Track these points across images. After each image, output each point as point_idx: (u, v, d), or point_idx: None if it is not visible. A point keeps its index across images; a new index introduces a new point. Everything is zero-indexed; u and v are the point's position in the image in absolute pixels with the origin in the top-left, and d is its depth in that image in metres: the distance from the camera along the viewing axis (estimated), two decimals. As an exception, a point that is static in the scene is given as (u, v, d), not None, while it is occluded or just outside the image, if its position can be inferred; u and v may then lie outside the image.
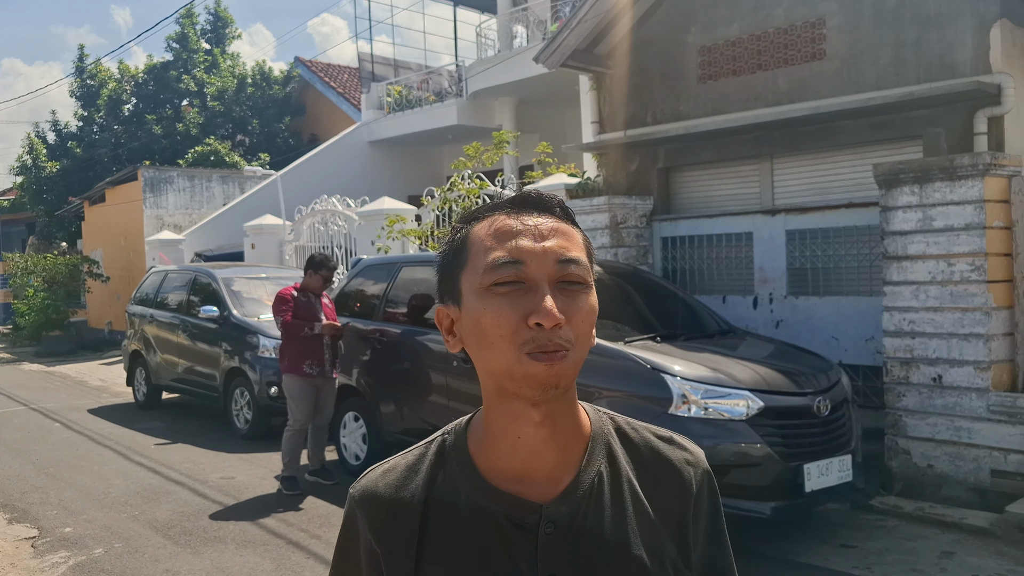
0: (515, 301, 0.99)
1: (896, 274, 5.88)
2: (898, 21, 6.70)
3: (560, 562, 1.00)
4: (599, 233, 8.11)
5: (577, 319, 1.01)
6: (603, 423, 1.12)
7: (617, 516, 1.04)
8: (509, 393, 1.01)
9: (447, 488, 1.05)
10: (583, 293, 1.03)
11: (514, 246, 1.01)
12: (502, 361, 0.99)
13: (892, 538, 5.20)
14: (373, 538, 1.06)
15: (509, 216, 1.04)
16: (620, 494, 1.05)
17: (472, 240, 1.05)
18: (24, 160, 23.63)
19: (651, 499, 1.07)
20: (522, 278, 1.00)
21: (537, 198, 1.07)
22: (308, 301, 6.66)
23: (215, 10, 25.41)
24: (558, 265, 1.01)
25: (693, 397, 4.73)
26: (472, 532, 1.02)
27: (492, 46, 17.61)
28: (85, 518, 5.97)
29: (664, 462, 1.11)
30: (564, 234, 1.04)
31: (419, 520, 1.04)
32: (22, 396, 11.85)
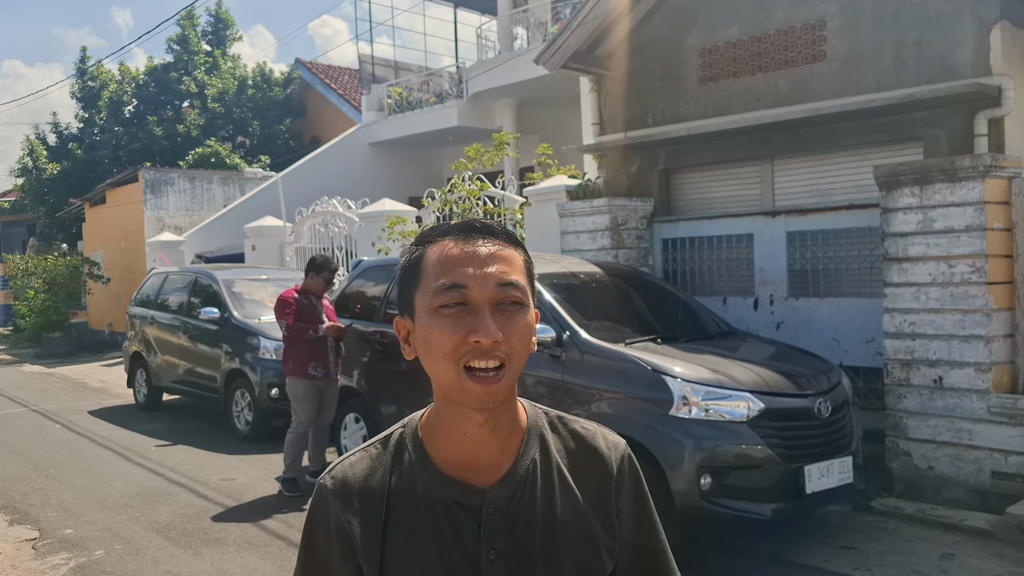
0: (458, 322, 1.13)
1: (897, 276, 5.89)
2: (898, 23, 6.71)
3: (500, 538, 1.16)
4: (599, 235, 8.12)
5: (514, 337, 1.14)
6: (538, 417, 1.27)
7: (548, 498, 1.19)
8: (455, 402, 1.16)
9: (405, 476, 1.20)
10: (520, 313, 1.16)
11: (458, 272, 1.15)
12: (446, 376, 1.14)
13: (893, 540, 5.20)
14: (346, 521, 1.19)
15: (456, 243, 1.18)
16: (551, 479, 1.21)
17: (425, 263, 1.19)
18: (25, 162, 23.63)
19: (578, 482, 1.23)
20: (465, 300, 1.14)
21: (482, 226, 1.20)
22: (310, 303, 6.67)
23: (216, 12, 25.44)
24: (498, 288, 1.14)
25: (694, 399, 4.73)
26: (426, 513, 1.17)
27: (492, 48, 17.62)
28: (86, 520, 5.97)
29: (589, 450, 1.26)
30: (505, 259, 1.17)
31: (384, 504, 1.19)
32: (22, 398, 11.85)
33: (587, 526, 1.21)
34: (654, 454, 4.72)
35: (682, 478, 4.61)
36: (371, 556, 1.18)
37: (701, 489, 4.59)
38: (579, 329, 5.34)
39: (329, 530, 1.22)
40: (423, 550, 1.16)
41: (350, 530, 1.19)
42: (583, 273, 6.32)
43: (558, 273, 6.11)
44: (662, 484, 4.68)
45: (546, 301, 5.57)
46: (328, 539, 1.22)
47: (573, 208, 8.40)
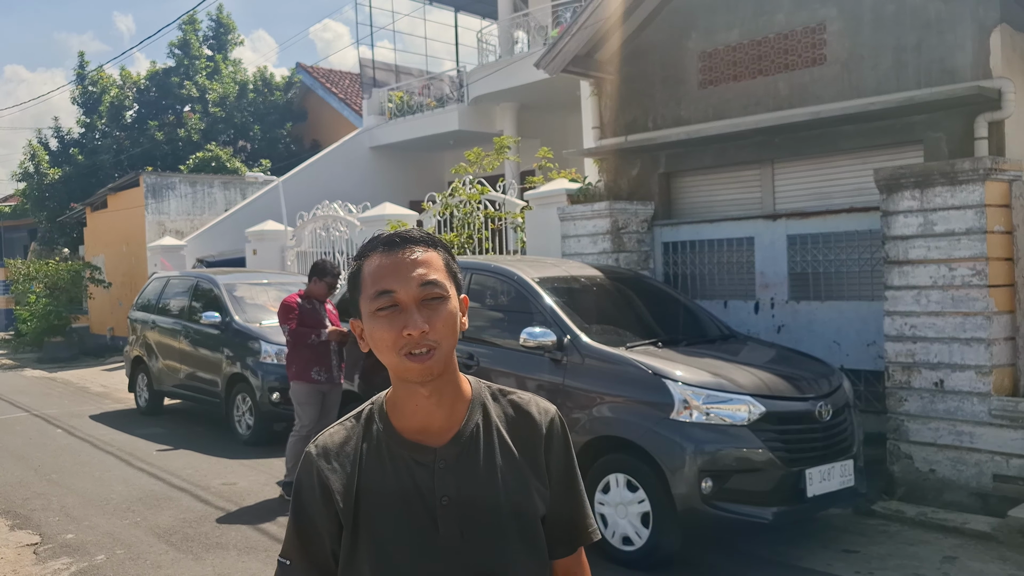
0: (393, 320, 1.40)
1: (897, 279, 5.89)
2: (898, 26, 6.72)
3: (450, 487, 1.42)
4: (600, 238, 8.12)
5: (439, 324, 1.40)
6: (481, 390, 1.52)
7: (489, 454, 1.46)
8: (403, 378, 1.43)
9: (374, 441, 1.46)
10: (442, 304, 1.42)
11: (387, 280, 1.41)
12: (391, 362, 1.42)
13: (894, 543, 5.20)
14: (327, 478, 1.44)
15: (383, 255, 1.44)
16: (491, 439, 1.47)
17: (363, 274, 1.45)
18: (26, 166, 23.67)
19: (514, 441, 1.49)
20: (395, 302, 1.40)
21: (401, 239, 1.45)
22: (313, 308, 6.70)
23: (217, 16, 25.49)
24: (421, 288, 1.41)
25: (695, 402, 4.73)
26: (391, 469, 1.44)
27: (493, 52, 17.64)
28: (87, 524, 5.97)
29: (524, 414, 1.52)
30: (425, 263, 1.43)
31: (357, 463, 1.45)
32: (24, 402, 11.85)
33: (522, 476, 1.47)
34: (655, 458, 4.72)
35: (683, 482, 4.61)
36: (348, 504, 1.43)
37: (702, 493, 4.59)
38: (580, 333, 5.34)
39: (314, 488, 1.45)
40: (389, 499, 1.42)
41: (331, 485, 1.44)
42: (584, 277, 6.32)
43: (559, 277, 6.11)
44: (663, 488, 4.68)
45: (547, 305, 5.58)
46: (314, 496, 1.45)
47: (574, 212, 8.41)
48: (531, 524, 1.47)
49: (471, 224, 10.78)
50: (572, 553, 1.58)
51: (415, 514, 1.41)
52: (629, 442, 4.89)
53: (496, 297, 6.12)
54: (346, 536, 1.44)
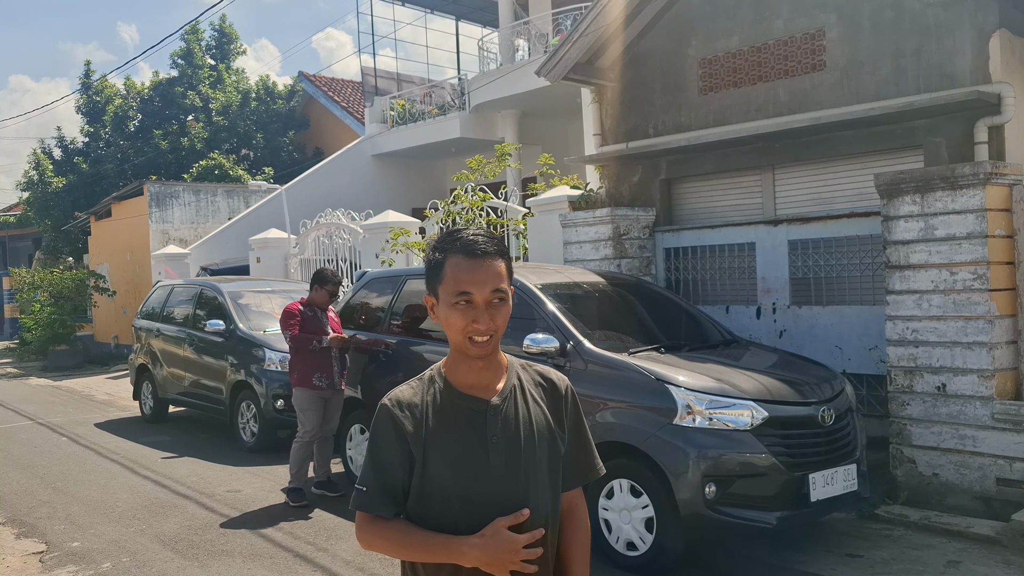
0: (466, 312, 1.81)
1: (899, 283, 5.91)
2: (897, 32, 6.75)
3: (498, 428, 1.84)
4: (602, 244, 8.15)
5: (499, 319, 1.82)
6: (513, 361, 1.96)
7: (524, 405, 1.89)
8: (463, 354, 1.85)
9: (436, 395, 1.87)
10: (504, 305, 1.84)
11: (466, 283, 1.80)
12: (457, 340, 1.84)
13: (898, 547, 5.21)
14: (402, 422, 1.84)
15: (465, 259, 1.82)
16: (526, 396, 1.91)
17: (446, 267, 1.83)
18: (31, 175, 23.76)
19: (542, 399, 1.93)
20: (471, 300, 1.81)
21: (482, 251, 1.83)
22: (315, 315, 6.78)
23: (220, 26, 25.59)
24: (491, 292, 1.81)
25: (697, 408, 4.74)
26: (452, 415, 1.85)
27: (494, 59, 17.70)
28: (93, 532, 6.00)
29: (548, 380, 1.97)
30: (496, 273, 1.83)
31: (424, 411, 1.85)
32: (29, 411, 11.89)
33: (547, 422, 1.91)
34: (659, 463, 4.73)
35: (687, 487, 4.62)
36: (419, 442, 1.82)
37: (706, 498, 4.60)
38: (583, 339, 5.36)
39: (390, 431, 1.85)
40: (452, 437, 1.83)
41: (404, 427, 1.83)
42: (586, 283, 6.35)
43: (561, 283, 6.14)
44: (667, 493, 4.69)
45: (549, 311, 5.60)
46: (389, 437, 1.85)
47: (575, 218, 8.44)
48: (555, 459, 1.91)
49: (473, 231, 10.78)
50: (578, 487, 2.02)
51: (472, 448, 1.82)
52: (633, 448, 4.91)
53: (499, 304, 6.13)
54: (418, 465, 1.82)
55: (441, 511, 1.81)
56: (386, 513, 1.84)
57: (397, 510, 1.85)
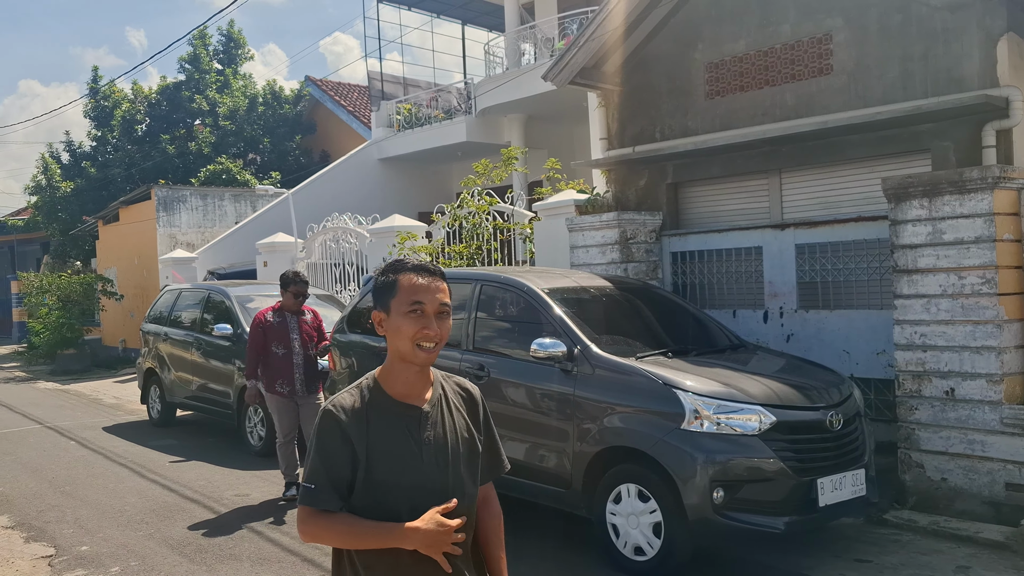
0: (418, 320, 2.07)
1: (907, 287, 5.89)
2: (904, 36, 6.74)
3: (430, 431, 2.10)
4: (609, 249, 8.15)
5: (443, 331, 2.10)
6: (437, 375, 2.21)
7: (449, 413, 2.16)
8: (407, 361, 2.09)
9: (374, 402, 2.09)
10: (447, 318, 2.12)
11: (420, 294, 2.08)
12: (406, 348, 2.08)
13: (907, 552, 5.19)
14: (345, 423, 2.04)
15: (418, 276, 2.10)
16: (449, 404, 2.18)
17: (400, 284, 2.10)
18: (39, 180, 23.88)
19: (462, 407, 2.21)
20: (422, 310, 2.07)
21: (429, 272, 2.12)
22: (282, 321, 6.97)
23: (228, 31, 25.70)
24: (439, 305, 2.09)
25: (705, 412, 4.74)
26: (389, 420, 2.08)
27: (500, 64, 17.72)
28: (101, 536, 6.02)
29: (466, 390, 2.25)
30: (442, 289, 2.12)
31: (365, 415, 2.07)
32: (37, 414, 11.93)
33: (467, 426, 2.19)
34: (666, 468, 4.73)
35: (694, 492, 4.62)
36: (362, 443, 2.04)
37: (714, 503, 4.60)
38: (590, 343, 5.36)
39: (336, 432, 2.04)
40: (390, 438, 2.07)
41: (348, 429, 2.04)
42: (593, 287, 6.35)
43: (568, 288, 6.14)
44: (674, 497, 4.69)
45: (556, 316, 5.60)
46: (334, 437, 2.04)
47: (582, 222, 8.44)
48: (473, 457, 2.19)
49: (480, 235, 10.82)
50: (490, 480, 2.30)
51: (408, 448, 2.07)
52: (640, 452, 4.90)
53: (506, 308, 6.15)
54: (362, 463, 2.03)
55: (386, 500, 2.03)
56: (332, 507, 2.02)
57: (342, 504, 2.03)
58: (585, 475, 5.15)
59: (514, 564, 5.09)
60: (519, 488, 5.66)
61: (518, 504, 6.01)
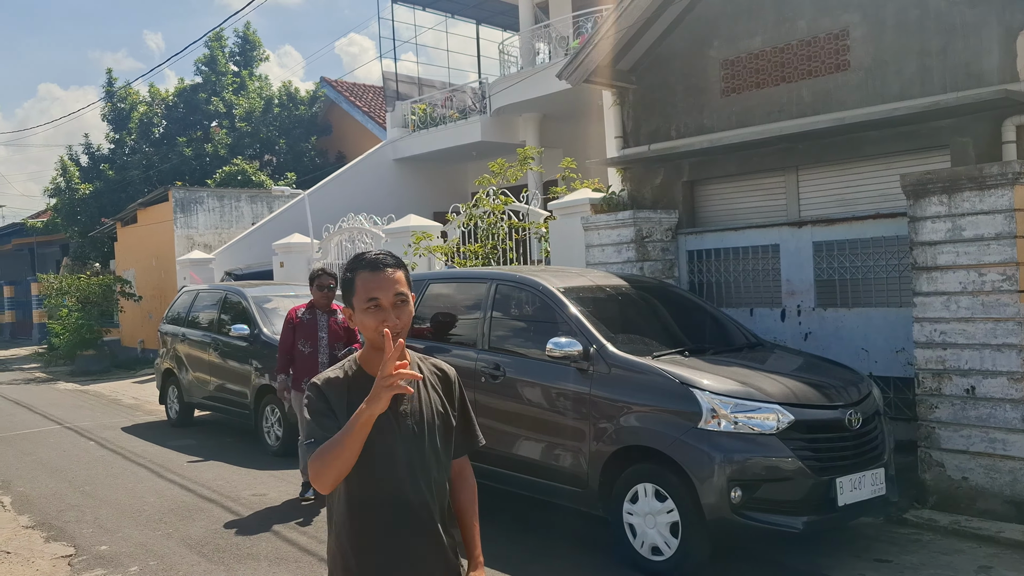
0: (376, 314, 2.22)
1: (926, 285, 5.83)
2: (923, 31, 6.68)
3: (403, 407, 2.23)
4: (624, 247, 8.12)
5: (404, 318, 2.24)
6: (414, 356, 2.32)
7: (425, 391, 2.31)
8: (378, 348, 2.17)
9: (355, 380, 2.24)
10: (406, 305, 2.25)
11: (374, 290, 2.22)
12: (373, 339, 2.22)
13: (928, 552, 5.14)
14: (329, 395, 2.22)
15: (370, 273, 2.24)
16: (426, 383, 2.32)
17: (356, 281, 2.25)
18: (58, 182, 24.09)
19: (437, 386, 2.36)
20: (378, 304, 2.22)
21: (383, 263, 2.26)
22: (312, 319, 7.03)
23: (243, 33, 25.85)
24: (395, 296, 2.23)
25: (722, 411, 4.71)
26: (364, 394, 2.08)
27: (515, 63, 17.71)
28: (120, 536, 6.06)
29: (441, 371, 2.40)
30: (396, 280, 2.24)
31: (346, 389, 2.22)
32: (57, 415, 12.04)
33: (441, 402, 2.34)
34: (683, 467, 4.70)
35: (712, 491, 4.59)
36: (342, 413, 2.17)
37: (731, 502, 4.57)
38: (606, 343, 5.35)
39: (322, 400, 2.21)
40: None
41: (331, 399, 2.21)
42: (609, 286, 6.33)
43: (584, 287, 6.12)
44: (692, 497, 4.66)
45: (572, 315, 5.59)
46: (322, 404, 2.21)
47: (598, 221, 8.42)
48: (447, 430, 2.34)
49: (495, 234, 10.82)
50: (464, 455, 2.45)
51: (385, 418, 2.14)
52: (657, 452, 4.88)
53: (521, 307, 6.14)
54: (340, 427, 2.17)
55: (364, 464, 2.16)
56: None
57: None
58: (602, 475, 5.13)
59: (529, 564, 5.10)
60: (535, 488, 5.66)
61: (534, 504, 6.01)
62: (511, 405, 5.77)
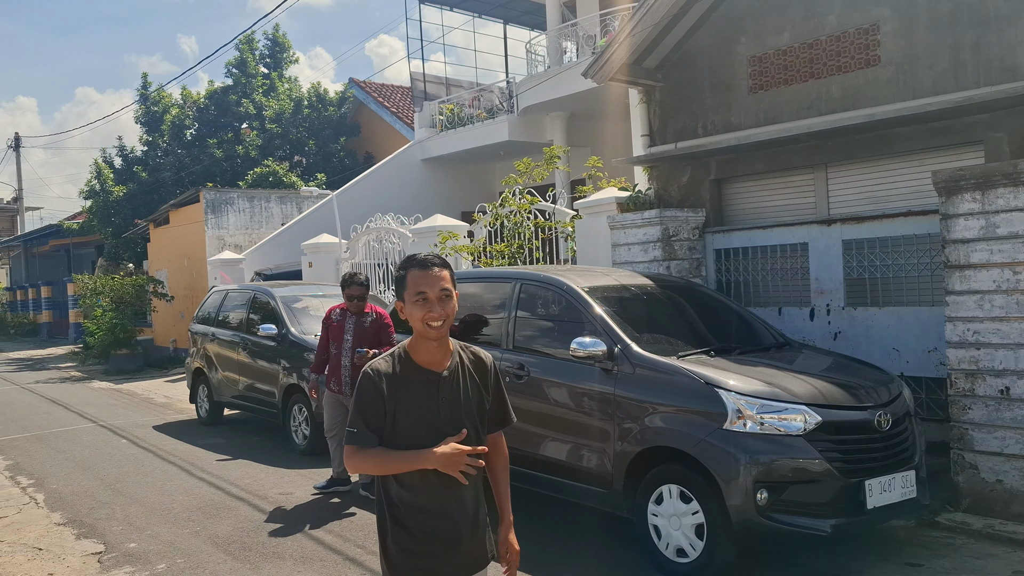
0: (424, 306, 2.53)
1: (959, 283, 5.72)
2: (955, 24, 6.55)
3: (447, 394, 2.58)
4: (651, 246, 8.06)
5: (448, 309, 2.55)
6: (456, 345, 2.67)
7: (463, 378, 2.63)
8: (423, 337, 2.55)
9: (403, 367, 2.58)
10: (450, 299, 2.56)
11: (422, 285, 2.54)
12: (419, 329, 2.54)
13: (960, 556, 5.03)
14: (381, 384, 2.54)
15: (420, 271, 2.56)
16: (464, 371, 2.65)
17: (408, 278, 2.58)
18: (93, 184, 24.48)
19: (474, 372, 2.68)
20: (426, 297, 2.54)
21: (430, 263, 2.58)
22: (342, 321, 7.17)
23: (273, 35, 26.08)
24: (440, 291, 2.54)
25: (748, 412, 4.65)
26: (415, 382, 2.56)
27: (542, 62, 17.69)
28: (149, 533, 6.13)
29: (480, 359, 2.71)
30: (442, 276, 2.56)
31: (395, 378, 2.56)
32: (91, 413, 12.23)
33: (477, 388, 2.67)
34: (709, 468, 4.65)
35: (737, 493, 4.53)
36: (391, 399, 2.54)
37: (757, 504, 4.51)
38: (630, 342, 5.30)
39: (373, 390, 2.54)
40: (415, 397, 2.56)
41: (382, 388, 2.53)
42: (634, 286, 6.28)
43: (609, 286, 6.08)
44: (717, 499, 4.61)
45: (596, 315, 5.55)
46: (372, 393, 2.54)
47: (624, 220, 8.37)
48: (482, 412, 2.68)
49: (521, 234, 10.80)
50: (498, 430, 2.79)
51: (428, 404, 2.56)
52: (682, 453, 4.83)
53: (546, 307, 6.12)
54: (389, 415, 2.54)
55: (408, 441, 2.53)
56: (370, 445, 2.55)
57: (378, 443, 2.55)
58: (626, 475, 5.09)
59: (555, 564, 5.08)
60: (560, 488, 5.63)
61: (559, 504, 5.98)
62: (535, 405, 5.75)
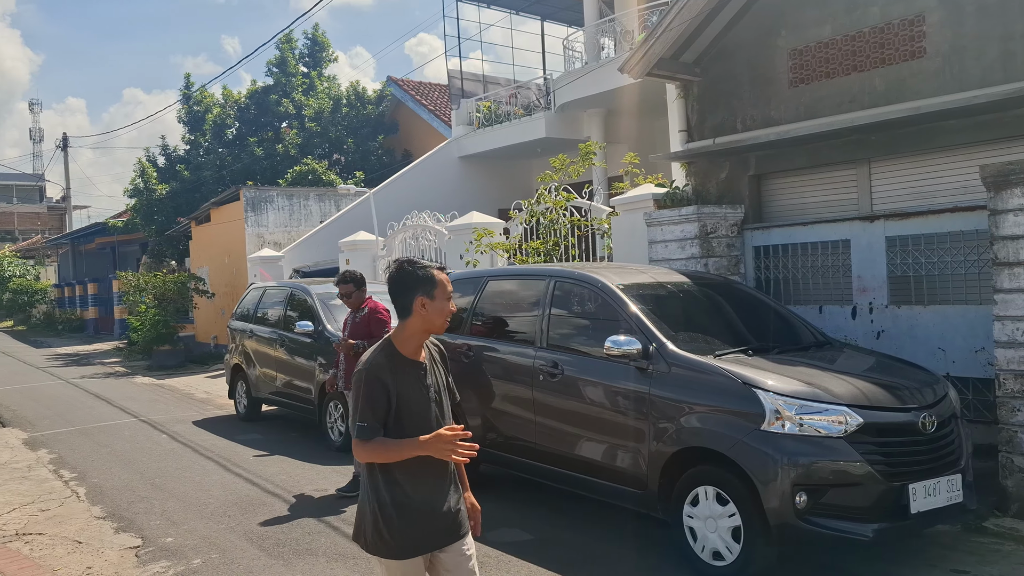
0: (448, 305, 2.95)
1: (1008, 281, 5.53)
2: (1005, 13, 6.34)
3: (428, 381, 2.98)
4: (688, 243, 7.95)
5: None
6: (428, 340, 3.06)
7: (434, 366, 3.05)
8: (429, 331, 2.96)
9: (395, 360, 2.91)
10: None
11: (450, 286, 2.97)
12: (440, 324, 2.95)
13: (1008, 563, 4.87)
14: (380, 374, 2.85)
15: (444, 274, 2.96)
16: (434, 360, 3.07)
17: (437, 279, 2.94)
18: (136, 183, 24.91)
19: (441, 361, 3.11)
20: (449, 296, 2.96)
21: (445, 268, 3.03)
22: (351, 318, 7.34)
23: (312, 35, 26.29)
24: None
25: (787, 413, 4.54)
26: (405, 372, 2.91)
27: (579, 59, 17.57)
28: (186, 528, 6.18)
29: (438, 347, 3.11)
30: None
31: (390, 370, 2.88)
32: (133, 408, 12.43)
33: (444, 374, 3.08)
34: (746, 470, 4.55)
35: (776, 495, 4.43)
36: (394, 389, 2.85)
37: (796, 507, 4.40)
38: (666, 341, 5.22)
39: (378, 384, 2.85)
40: (408, 385, 2.90)
41: (386, 381, 2.85)
42: (670, 283, 6.18)
43: (645, 284, 6.00)
44: (755, 501, 4.51)
45: (632, 313, 5.47)
46: (378, 387, 2.84)
47: (661, 217, 8.26)
48: (452, 392, 3.13)
49: (557, 231, 10.73)
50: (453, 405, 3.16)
51: (419, 391, 2.93)
52: (718, 454, 4.74)
53: (580, 305, 6.05)
54: (394, 403, 2.85)
55: (407, 430, 2.86)
56: (378, 436, 2.83)
57: (383, 434, 2.84)
58: (661, 476, 5.01)
59: (588, 566, 5.01)
60: (594, 488, 5.56)
61: (591, 504, 5.91)
62: (569, 404, 5.69)
